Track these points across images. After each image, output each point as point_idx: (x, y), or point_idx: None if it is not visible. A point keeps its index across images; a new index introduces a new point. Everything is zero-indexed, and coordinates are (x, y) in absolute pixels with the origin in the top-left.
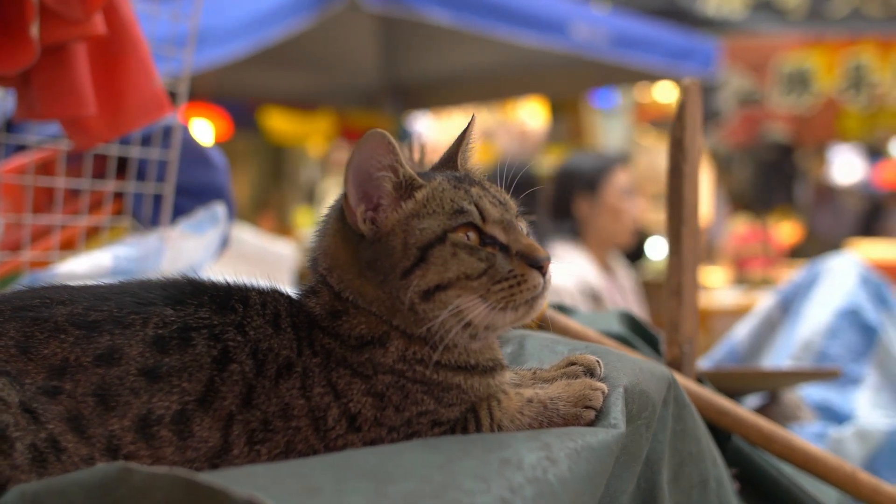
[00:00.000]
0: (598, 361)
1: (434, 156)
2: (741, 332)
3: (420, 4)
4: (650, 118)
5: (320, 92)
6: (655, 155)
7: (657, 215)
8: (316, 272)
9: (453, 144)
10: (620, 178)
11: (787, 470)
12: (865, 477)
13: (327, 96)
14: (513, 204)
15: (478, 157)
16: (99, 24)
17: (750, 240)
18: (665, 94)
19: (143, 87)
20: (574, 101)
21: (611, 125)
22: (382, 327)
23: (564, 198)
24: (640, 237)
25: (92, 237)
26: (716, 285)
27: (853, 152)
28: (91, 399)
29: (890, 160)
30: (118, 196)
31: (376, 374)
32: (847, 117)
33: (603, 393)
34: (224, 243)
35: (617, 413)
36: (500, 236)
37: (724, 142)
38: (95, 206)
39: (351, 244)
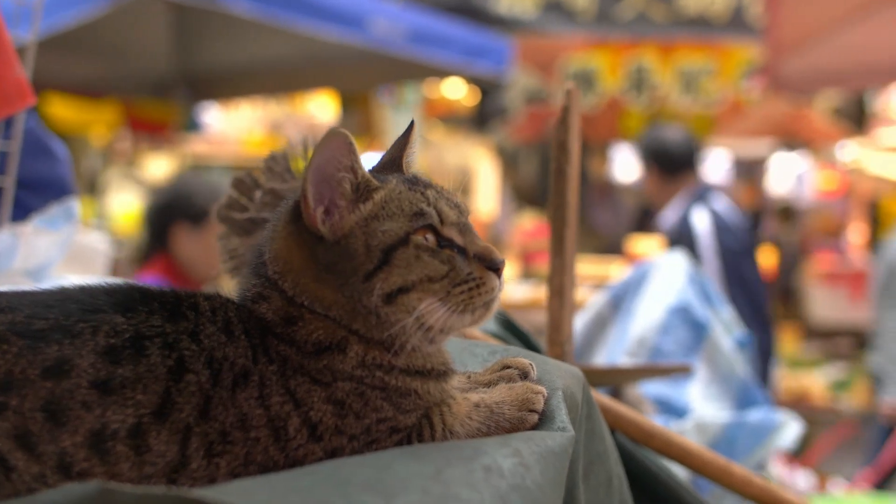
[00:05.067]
0: (531, 364)
1: None
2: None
3: None
4: (438, 114)
5: (106, 80)
6: (443, 150)
7: None
8: (262, 276)
9: (394, 148)
10: None
11: (663, 464)
12: (738, 469)
13: (114, 84)
14: (465, 206)
15: (267, 150)
16: None
17: (536, 235)
18: (453, 90)
19: (5, 76)
20: (365, 95)
21: (400, 119)
22: (340, 333)
23: None
24: None
25: None
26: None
27: (634, 151)
28: (40, 414)
29: None
30: None
31: (335, 380)
32: (629, 117)
33: (543, 396)
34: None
35: (563, 416)
36: (457, 238)
37: (510, 138)
38: None
39: (306, 247)
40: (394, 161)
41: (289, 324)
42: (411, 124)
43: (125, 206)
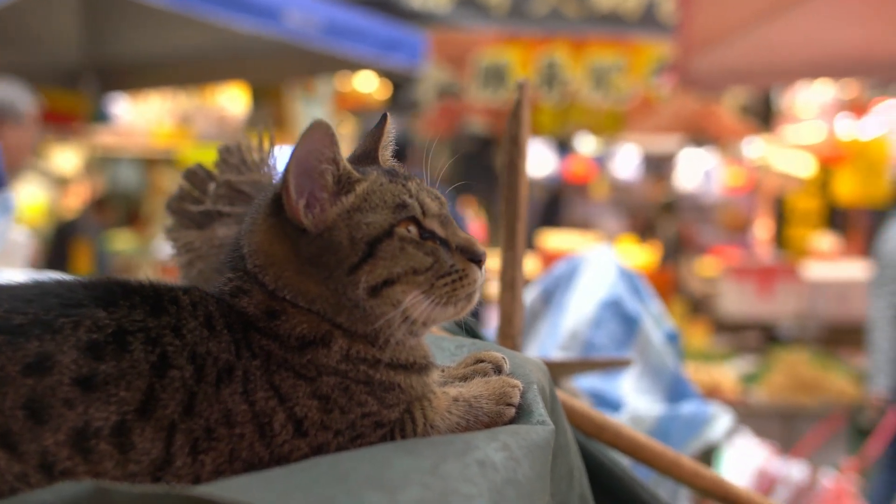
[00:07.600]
0: (504, 358)
1: None
2: None
3: None
4: (349, 107)
5: (11, 68)
6: (355, 143)
7: None
8: (240, 270)
9: (368, 141)
10: None
11: (615, 457)
12: (687, 462)
13: (19, 73)
14: (444, 199)
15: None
16: None
17: None
18: (365, 83)
19: None
20: (276, 88)
21: (311, 112)
22: (324, 326)
23: None
24: None
25: None
26: None
27: (545, 146)
28: (21, 412)
29: (576, 155)
30: None
31: (320, 375)
32: (540, 112)
33: (519, 390)
34: None
35: (540, 410)
36: (439, 230)
37: (422, 132)
38: None
39: (288, 240)
40: (368, 153)
41: (271, 318)
42: (384, 116)
43: (31, 198)
